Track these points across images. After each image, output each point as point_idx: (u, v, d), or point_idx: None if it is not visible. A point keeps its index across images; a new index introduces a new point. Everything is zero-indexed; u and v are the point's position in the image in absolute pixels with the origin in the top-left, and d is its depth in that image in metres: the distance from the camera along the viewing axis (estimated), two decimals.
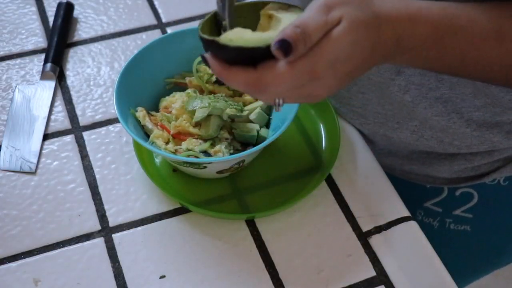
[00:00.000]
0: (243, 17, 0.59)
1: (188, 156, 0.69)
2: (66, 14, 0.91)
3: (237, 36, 0.54)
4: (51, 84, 0.84)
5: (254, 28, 0.59)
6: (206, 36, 0.55)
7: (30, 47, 0.89)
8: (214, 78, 0.75)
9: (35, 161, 0.76)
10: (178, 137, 0.72)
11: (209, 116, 0.71)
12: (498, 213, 0.88)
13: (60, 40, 0.88)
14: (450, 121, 0.75)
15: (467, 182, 0.84)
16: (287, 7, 0.59)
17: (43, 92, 0.83)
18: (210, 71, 0.75)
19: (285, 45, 0.52)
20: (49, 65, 0.85)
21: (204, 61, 0.56)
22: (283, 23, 0.57)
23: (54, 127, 0.80)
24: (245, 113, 0.73)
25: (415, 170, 0.86)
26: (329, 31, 0.53)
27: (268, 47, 0.53)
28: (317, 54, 0.53)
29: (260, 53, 0.53)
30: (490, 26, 0.58)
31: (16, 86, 0.84)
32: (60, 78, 0.86)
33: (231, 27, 0.57)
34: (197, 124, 0.72)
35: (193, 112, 0.71)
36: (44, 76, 0.84)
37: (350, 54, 0.54)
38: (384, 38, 0.56)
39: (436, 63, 0.61)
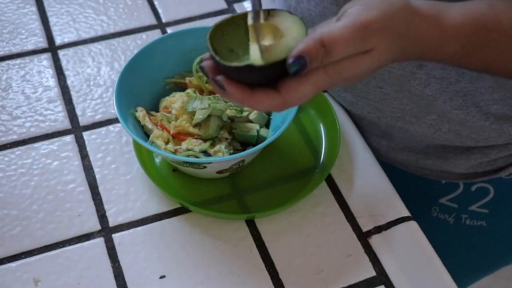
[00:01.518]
0: (226, 34, 0.57)
1: (188, 156, 0.69)
2: None
3: (264, 54, 0.52)
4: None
5: (240, 44, 0.57)
6: (236, 64, 0.52)
7: (30, 47, 0.89)
8: None
9: None
10: (178, 137, 0.72)
11: (209, 116, 0.71)
12: None
13: None
14: (469, 115, 0.75)
15: (483, 176, 0.84)
16: (267, 13, 0.56)
17: None
18: None
19: (301, 63, 0.51)
20: None
21: (220, 86, 0.54)
22: (291, 33, 0.55)
23: (54, 127, 0.80)
24: (245, 113, 0.73)
25: (430, 165, 0.86)
26: (355, 55, 0.53)
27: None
28: (335, 72, 0.53)
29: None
30: None
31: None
32: (60, 78, 0.86)
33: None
34: (197, 124, 0.72)
35: (193, 113, 0.71)
36: None
37: (369, 72, 0.55)
38: (410, 53, 0.56)
39: (461, 67, 0.63)
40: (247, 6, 0.95)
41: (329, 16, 0.75)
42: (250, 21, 0.56)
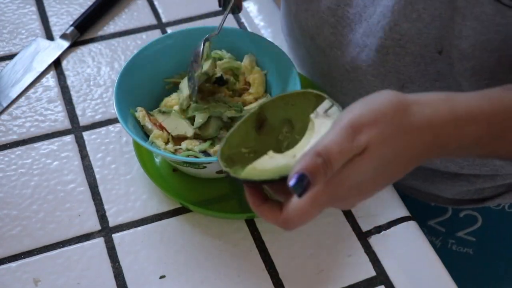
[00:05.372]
0: (291, 105, 0.56)
1: (188, 156, 0.69)
2: None
3: (249, 167, 0.52)
4: (64, 45, 0.88)
5: (303, 117, 0.55)
6: (221, 166, 0.52)
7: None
8: (213, 79, 0.75)
9: (4, 104, 0.81)
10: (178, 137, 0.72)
11: (209, 117, 0.71)
12: (502, 239, 0.87)
13: (95, 10, 0.92)
14: None
15: (470, 204, 0.83)
16: (332, 105, 0.55)
17: (53, 50, 0.88)
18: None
19: (304, 183, 0.47)
20: (71, 28, 0.89)
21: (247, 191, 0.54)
22: (314, 136, 0.53)
23: (54, 127, 0.80)
24: (244, 113, 0.73)
25: (417, 186, 0.85)
26: (352, 159, 0.49)
27: (282, 179, 0.50)
28: (337, 183, 0.50)
29: (277, 183, 0.51)
30: None
31: (37, 38, 0.90)
32: (60, 78, 0.86)
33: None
34: None
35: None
36: (63, 36, 0.89)
37: (374, 177, 0.51)
38: (423, 142, 0.52)
39: (493, 155, 0.59)
40: (247, 6, 0.95)
41: (324, 28, 0.74)
42: (316, 115, 0.54)
